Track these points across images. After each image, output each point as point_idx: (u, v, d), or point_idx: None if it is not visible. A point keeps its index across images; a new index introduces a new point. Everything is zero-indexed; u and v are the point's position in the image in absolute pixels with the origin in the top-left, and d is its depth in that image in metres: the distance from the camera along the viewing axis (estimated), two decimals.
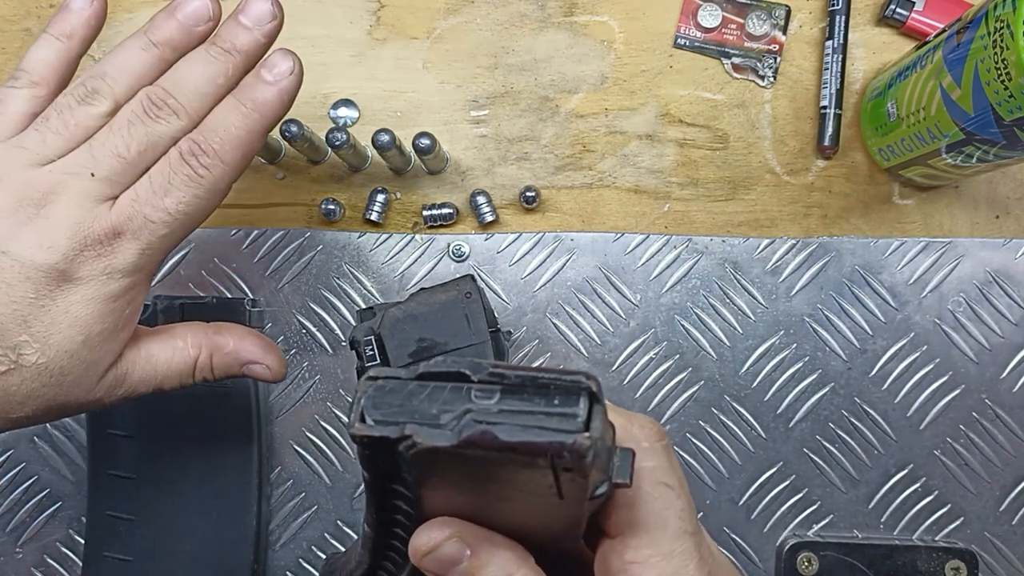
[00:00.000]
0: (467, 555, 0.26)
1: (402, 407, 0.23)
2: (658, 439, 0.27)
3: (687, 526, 0.27)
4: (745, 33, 0.51)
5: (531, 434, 0.21)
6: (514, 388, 0.23)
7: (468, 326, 0.47)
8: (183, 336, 0.39)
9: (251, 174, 0.52)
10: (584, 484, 0.23)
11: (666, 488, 0.27)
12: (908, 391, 0.50)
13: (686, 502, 0.27)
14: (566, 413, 0.22)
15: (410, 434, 0.22)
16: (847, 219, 0.51)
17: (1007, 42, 0.35)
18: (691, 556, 0.26)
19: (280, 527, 0.51)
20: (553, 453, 0.21)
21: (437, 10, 0.52)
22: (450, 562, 0.26)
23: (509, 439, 0.21)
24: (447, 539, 0.26)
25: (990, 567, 0.49)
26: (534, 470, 0.22)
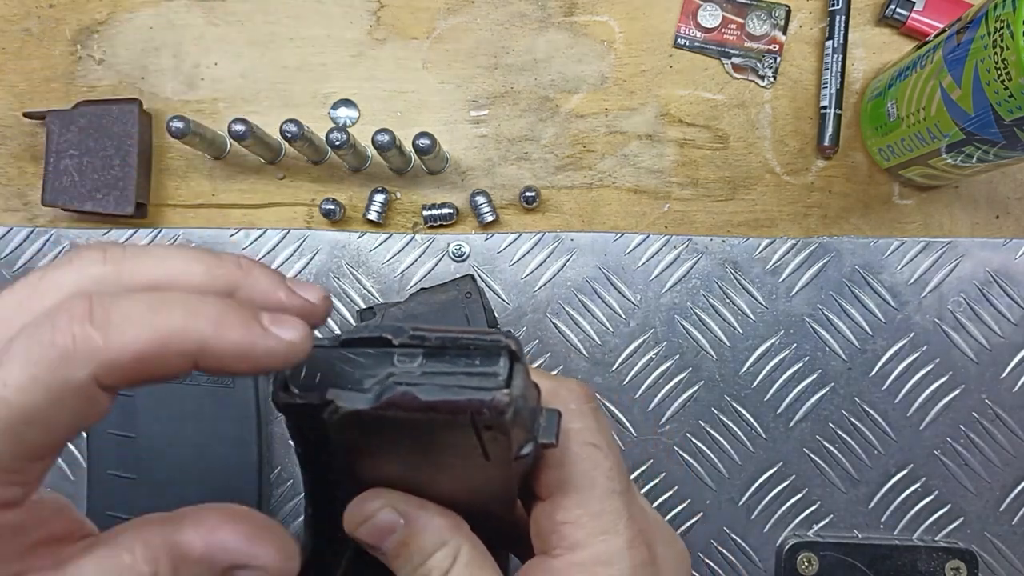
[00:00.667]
0: (401, 524, 0.26)
1: (325, 374, 0.23)
2: (585, 401, 0.27)
3: (616, 485, 0.27)
4: (745, 33, 0.51)
5: (451, 393, 0.22)
6: (436, 351, 0.23)
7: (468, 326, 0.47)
8: (128, 547, 0.25)
9: (251, 174, 0.52)
10: (507, 442, 0.23)
11: (593, 448, 0.27)
12: (908, 391, 0.50)
13: (614, 461, 0.27)
14: (487, 372, 0.22)
15: (331, 399, 0.22)
16: (847, 219, 0.51)
17: (1007, 42, 0.35)
18: (620, 514, 0.26)
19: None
20: (473, 411, 0.22)
21: (437, 10, 0.52)
22: (385, 531, 0.26)
23: (429, 399, 0.22)
24: (380, 509, 0.26)
25: (990, 567, 0.49)
26: (458, 431, 0.22)
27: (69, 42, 0.52)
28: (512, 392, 0.22)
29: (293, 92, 0.52)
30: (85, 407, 0.21)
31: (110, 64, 0.52)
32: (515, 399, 0.22)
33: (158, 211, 0.52)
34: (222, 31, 0.52)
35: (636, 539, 0.27)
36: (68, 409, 0.20)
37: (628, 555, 0.26)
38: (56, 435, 0.21)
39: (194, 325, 0.21)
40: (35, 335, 0.20)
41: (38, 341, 0.20)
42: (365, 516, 0.27)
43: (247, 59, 0.52)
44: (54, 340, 0.20)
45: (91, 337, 0.20)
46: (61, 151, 0.50)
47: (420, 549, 0.27)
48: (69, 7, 0.52)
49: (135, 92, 0.52)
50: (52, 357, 0.20)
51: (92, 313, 0.20)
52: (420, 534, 0.27)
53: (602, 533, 0.26)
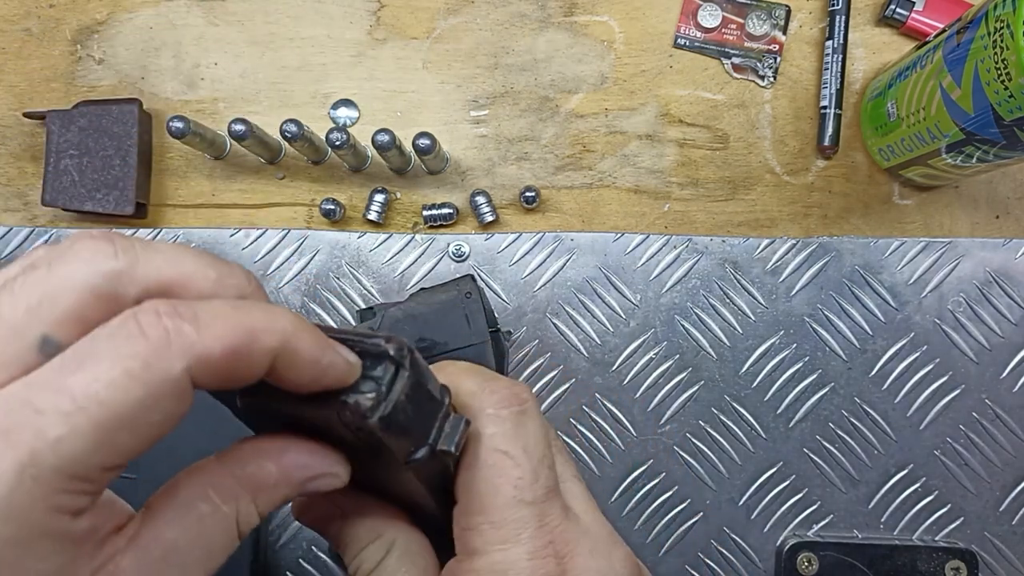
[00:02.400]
0: (338, 514, 0.28)
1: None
2: (505, 405, 0.27)
3: (524, 495, 0.26)
4: (745, 33, 0.51)
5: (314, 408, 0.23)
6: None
7: (468, 326, 0.47)
8: (203, 494, 0.24)
9: (251, 174, 0.52)
10: (389, 448, 0.23)
11: (502, 456, 0.26)
12: (908, 391, 0.50)
13: (527, 470, 0.26)
14: (369, 376, 0.23)
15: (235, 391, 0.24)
16: (847, 219, 0.51)
17: (1007, 42, 0.35)
18: (526, 524, 0.26)
19: (280, 527, 0.51)
20: (337, 410, 0.22)
21: (437, 10, 0.52)
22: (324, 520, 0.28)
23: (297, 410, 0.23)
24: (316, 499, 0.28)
25: (990, 567, 0.49)
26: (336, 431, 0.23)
27: (69, 42, 0.52)
28: (381, 397, 0.22)
29: (293, 92, 0.52)
30: (177, 406, 0.20)
31: (110, 64, 0.52)
32: (383, 404, 0.22)
33: (158, 211, 0.52)
34: (222, 31, 0.52)
35: (542, 550, 0.26)
36: (162, 408, 0.20)
37: (528, 566, 0.25)
38: (144, 439, 0.20)
39: (277, 325, 0.21)
40: (120, 331, 0.20)
41: (127, 336, 0.19)
42: (306, 508, 0.29)
43: (247, 59, 0.52)
44: (146, 333, 0.20)
45: (184, 330, 0.20)
46: (61, 151, 0.50)
47: (355, 540, 0.28)
48: (69, 7, 0.52)
49: (135, 92, 0.52)
50: (147, 351, 0.19)
51: (178, 308, 0.20)
52: (354, 526, 0.28)
53: (501, 542, 0.26)
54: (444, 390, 0.26)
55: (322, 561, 0.50)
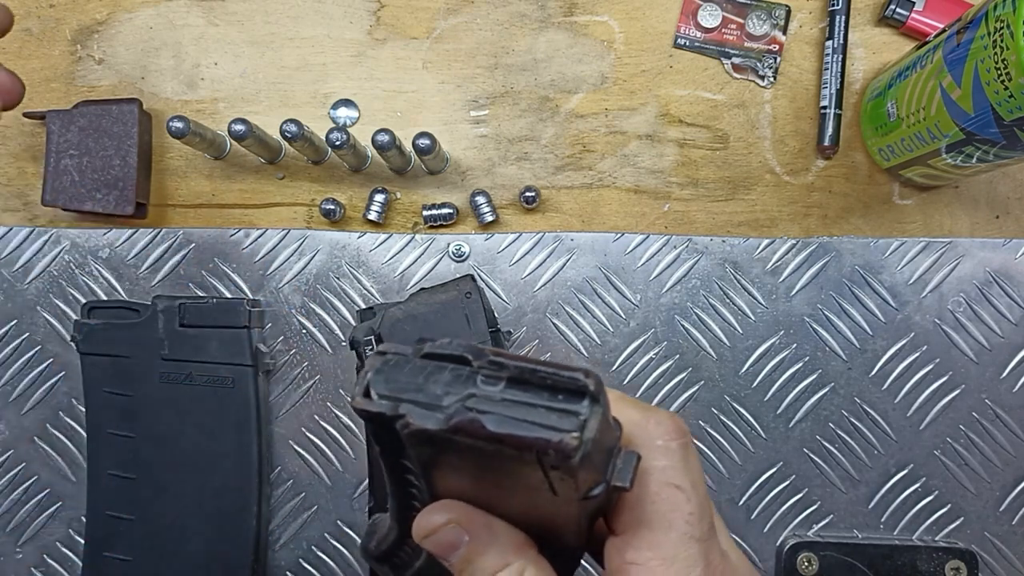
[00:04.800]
0: (465, 540, 0.26)
1: (408, 384, 0.23)
2: (674, 437, 0.26)
3: (694, 531, 0.25)
4: (745, 33, 0.51)
5: (520, 428, 0.21)
6: (520, 379, 0.22)
7: (468, 326, 0.47)
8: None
9: (251, 174, 0.52)
10: (574, 484, 0.22)
11: (675, 490, 0.25)
12: (908, 391, 0.50)
13: (697, 505, 0.25)
14: (565, 410, 0.22)
15: (404, 413, 0.22)
16: (847, 219, 0.51)
17: (1007, 42, 0.35)
18: (696, 563, 0.25)
19: (280, 527, 0.51)
20: (539, 449, 0.21)
21: (437, 10, 0.52)
22: (448, 546, 0.26)
23: (497, 430, 0.21)
24: (444, 524, 0.26)
25: (990, 567, 0.49)
26: (526, 464, 0.22)
27: (69, 42, 0.52)
28: (583, 436, 0.21)
29: (293, 92, 0.52)
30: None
31: (110, 64, 0.52)
32: (584, 443, 0.21)
33: (158, 211, 0.52)
34: (222, 31, 0.52)
35: None
36: None
37: None
38: None
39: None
40: None
41: None
42: (431, 529, 0.26)
43: (247, 59, 0.52)
44: None
45: None
46: (61, 151, 0.50)
47: (483, 568, 0.26)
48: (69, 7, 0.52)
49: (135, 92, 0.52)
50: None
51: None
52: (484, 553, 0.26)
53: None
54: (616, 423, 0.24)
55: (322, 561, 0.50)
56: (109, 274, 0.51)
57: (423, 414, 0.22)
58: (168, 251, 0.51)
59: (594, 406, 0.22)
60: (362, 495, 0.50)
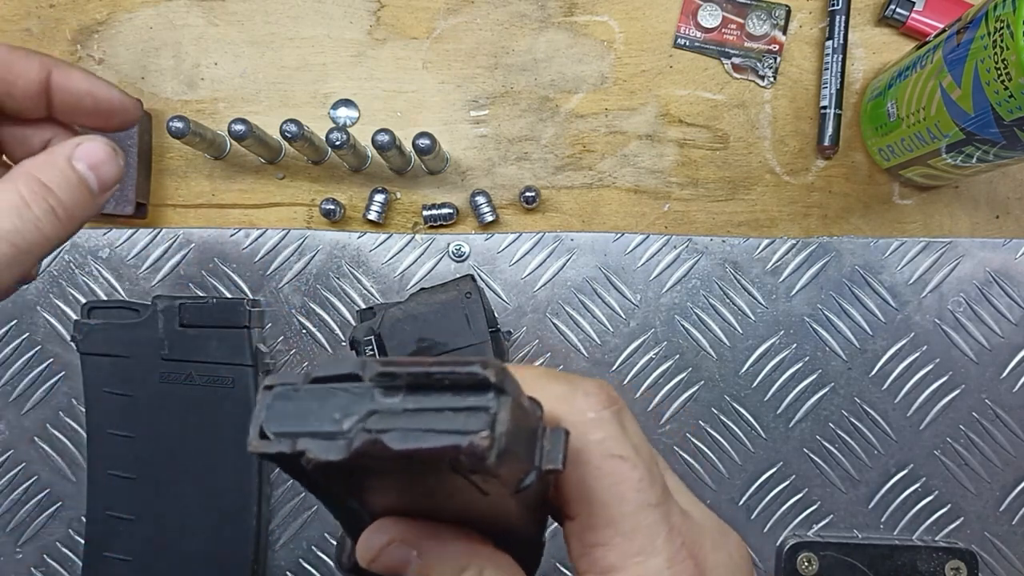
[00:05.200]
0: (414, 556, 0.25)
1: (303, 416, 0.21)
2: (605, 406, 0.24)
3: (648, 498, 0.24)
4: (745, 33, 0.51)
5: (427, 439, 0.20)
6: (417, 385, 0.21)
7: (468, 326, 0.47)
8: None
9: (251, 174, 0.52)
10: (499, 482, 0.21)
11: (618, 460, 0.24)
12: (908, 391, 0.50)
13: (644, 471, 0.24)
14: (472, 407, 0.20)
15: (303, 450, 0.20)
16: (847, 219, 0.51)
17: (1007, 42, 0.35)
18: (658, 530, 0.24)
19: (280, 527, 0.51)
20: (451, 458, 0.19)
21: (437, 10, 0.52)
22: (398, 566, 0.25)
23: (402, 447, 0.20)
24: (387, 545, 0.25)
25: (990, 567, 0.49)
26: (444, 474, 0.20)
27: (69, 42, 0.52)
28: (495, 432, 0.19)
29: (293, 92, 0.52)
30: None
31: (110, 64, 0.52)
32: (497, 439, 0.19)
33: (158, 211, 0.52)
34: (222, 31, 0.52)
35: (678, 554, 0.24)
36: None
37: (670, 574, 0.24)
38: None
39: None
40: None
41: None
42: (375, 552, 0.25)
43: (247, 59, 0.52)
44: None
45: None
46: None
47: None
48: (69, 7, 0.52)
49: (135, 92, 0.52)
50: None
51: None
52: (437, 563, 0.25)
53: (637, 554, 0.24)
54: (535, 403, 0.23)
55: (322, 561, 0.50)
56: (109, 274, 0.51)
57: (323, 446, 0.20)
58: (168, 251, 0.51)
59: (501, 397, 0.20)
60: None
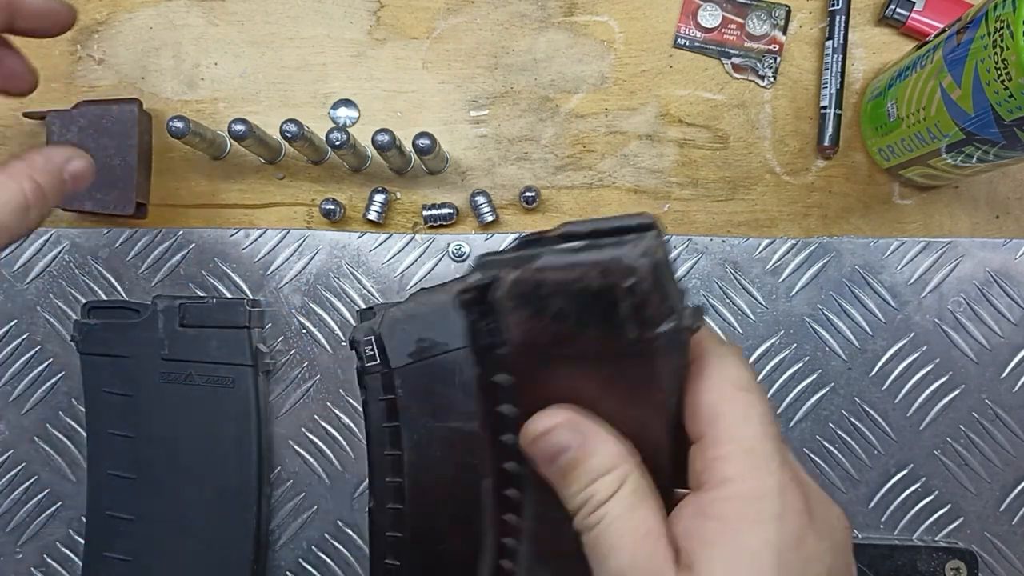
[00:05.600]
0: (575, 444, 0.26)
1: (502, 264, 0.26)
2: (736, 351, 0.28)
3: (769, 430, 0.26)
4: (745, 33, 0.51)
5: (596, 254, 0.24)
6: (592, 233, 0.25)
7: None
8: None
9: (251, 174, 0.52)
10: (646, 313, 0.24)
11: (748, 394, 0.27)
12: (908, 391, 0.50)
13: (768, 410, 0.27)
14: (627, 240, 0.24)
15: (500, 275, 0.25)
16: (847, 219, 0.51)
17: (1007, 42, 0.35)
18: (773, 457, 0.26)
19: (280, 527, 0.51)
20: (615, 264, 0.24)
21: (437, 10, 0.52)
22: (559, 449, 0.26)
23: (574, 259, 0.24)
24: (558, 425, 0.26)
25: (990, 567, 0.49)
26: (600, 310, 0.24)
27: (69, 42, 0.52)
28: (652, 246, 0.24)
29: (293, 92, 0.52)
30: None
31: (110, 64, 0.52)
32: (649, 253, 0.24)
33: (158, 211, 0.52)
34: (222, 31, 0.52)
35: (790, 484, 0.26)
36: None
37: (780, 496, 0.25)
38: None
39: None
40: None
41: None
42: (543, 431, 0.27)
43: (247, 59, 0.52)
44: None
45: None
46: None
47: (588, 471, 0.26)
48: None
49: (135, 92, 0.52)
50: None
51: None
52: (591, 456, 0.26)
53: (753, 470, 0.25)
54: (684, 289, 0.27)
55: (322, 561, 0.50)
56: (109, 274, 0.51)
57: (513, 272, 0.25)
58: (168, 251, 0.51)
59: (651, 231, 0.24)
60: (362, 495, 0.50)
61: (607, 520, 0.26)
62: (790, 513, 0.25)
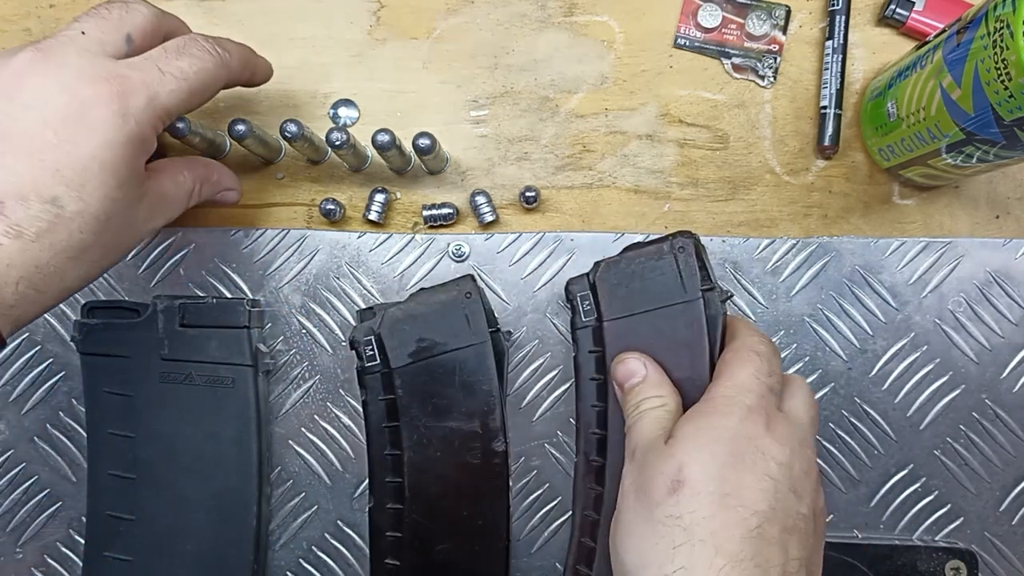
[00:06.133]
0: (643, 373, 0.42)
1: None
2: (760, 332, 0.43)
3: (761, 376, 0.40)
4: (745, 33, 0.51)
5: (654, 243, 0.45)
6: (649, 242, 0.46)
7: (468, 326, 0.47)
8: (183, 171, 0.44)
9: (251, 174, 0.52)
10: (692, 276, 0.44)
11: (755, 354, 0.40)
12: (908, 391, 0.50)
13: (766, 366, 0.40)
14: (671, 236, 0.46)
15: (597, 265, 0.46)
16: (847, 219, 0.51)
17: (1007, 42, 0.35)
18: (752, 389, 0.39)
19: (280, 527, 0.51)
20: (671, 239, 0.45)
21: (437, 10, 0.52)
22: (630, 374, 0.43)
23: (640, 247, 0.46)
24: (635, 357, 0.43)
25: (990, 567, 0.50)
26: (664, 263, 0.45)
27: None
28: (689, 236, 0.45)
29: (293, 92, 0.52)
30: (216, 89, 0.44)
31: None
32: (691, 237, 0.45)
33: None
34: (222, 31, 0.52)
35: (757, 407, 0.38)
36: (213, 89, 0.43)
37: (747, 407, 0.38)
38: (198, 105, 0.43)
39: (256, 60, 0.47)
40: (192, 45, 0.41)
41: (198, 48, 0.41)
42: (626, 358, 0.43)
43: None
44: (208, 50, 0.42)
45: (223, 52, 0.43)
46: None
47: (646, 394, 0.41)
48: (69, 7, 0.52)
49: None
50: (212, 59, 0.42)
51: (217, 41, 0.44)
52: (650, 385, 0.42)
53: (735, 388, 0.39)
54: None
55: (322, 561, 0.50)
56: (109, 274, 0.51)
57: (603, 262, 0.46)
58: (168, 251, 0.51)
59: (693, 234, 0.45)
60: (362, 495, 0.50)
61: (644, 417, 0.41)
62: (750, 421, 0.37)
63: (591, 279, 0.46)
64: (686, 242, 0.45)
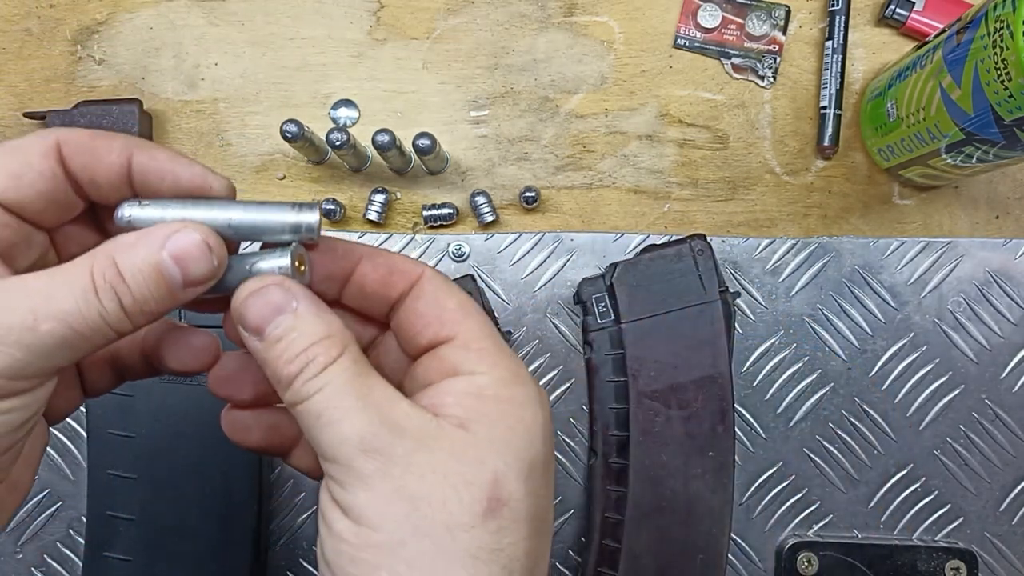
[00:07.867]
0: (293, 305, 0.25)
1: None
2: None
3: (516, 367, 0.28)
4: (745, 33, 0.51)
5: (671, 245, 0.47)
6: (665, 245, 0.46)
7: None
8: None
9: (252, 174, 0.52)
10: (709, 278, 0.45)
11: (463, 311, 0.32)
12: (908, 391, 0.50)
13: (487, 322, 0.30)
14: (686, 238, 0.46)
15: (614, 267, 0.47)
16: (847, 219, 0.51)
17: (1007, 42, 0.35)
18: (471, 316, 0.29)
19: (280, 527, 0.51)
20: (687, 244, 0.46)
21: (437, 10, 0.52)
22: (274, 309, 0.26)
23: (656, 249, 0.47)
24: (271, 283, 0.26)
25: (990, 567, 0.49)
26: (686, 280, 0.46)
27: (69, 42, 0.52)
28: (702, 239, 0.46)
29: (293, 92, 0.52)
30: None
31: (110, 64, 0.52)
32: (706, 240, 0.46)
33: None
34: (222, 31, 0.52)
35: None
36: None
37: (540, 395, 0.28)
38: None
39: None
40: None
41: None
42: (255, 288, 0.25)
43: (247, 59, 0.52)
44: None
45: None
46: None
47: (304, 335, 0.25)
48: (69, 7, 0.52)
49: (135, 92, 0.52)
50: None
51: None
52: (306, 319, 0.25)
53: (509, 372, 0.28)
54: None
55: None
56: None
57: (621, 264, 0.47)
58: None
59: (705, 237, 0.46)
60: None
61: (330, 387, 0.25)
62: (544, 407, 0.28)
63: (608, 281, 0.46)
64: (705, 244, 0.45)
